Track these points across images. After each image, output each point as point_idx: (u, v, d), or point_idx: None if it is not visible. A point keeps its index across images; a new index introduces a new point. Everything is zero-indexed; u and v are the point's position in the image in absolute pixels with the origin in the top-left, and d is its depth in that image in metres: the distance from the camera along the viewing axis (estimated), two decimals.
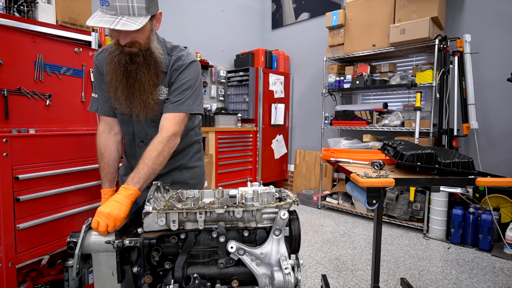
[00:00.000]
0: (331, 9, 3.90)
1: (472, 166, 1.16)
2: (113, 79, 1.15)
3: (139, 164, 1.06)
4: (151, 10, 1.06)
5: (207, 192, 1.00)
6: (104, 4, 0.98)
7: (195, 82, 1.25)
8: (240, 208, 0.69)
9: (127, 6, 0.98)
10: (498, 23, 2.94)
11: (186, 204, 0.83)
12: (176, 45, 1.29)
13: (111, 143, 1.31)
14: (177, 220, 0.67)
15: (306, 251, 2.59)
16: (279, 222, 0.72)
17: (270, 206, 0.72)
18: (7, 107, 1.69)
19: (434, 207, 2.90)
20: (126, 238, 0.70)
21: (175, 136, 1.16)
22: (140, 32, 1.07)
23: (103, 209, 0.88)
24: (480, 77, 3.03)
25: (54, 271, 1.69)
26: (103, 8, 0.99)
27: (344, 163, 1.41)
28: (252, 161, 4.22)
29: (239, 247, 0.71)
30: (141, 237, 0.69)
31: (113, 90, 1.17)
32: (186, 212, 0.67)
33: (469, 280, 2.15)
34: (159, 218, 0.67)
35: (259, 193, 0.77)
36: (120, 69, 1.12)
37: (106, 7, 0.98)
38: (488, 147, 3.02)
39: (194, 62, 1.26)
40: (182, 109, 1.20)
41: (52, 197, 1.45)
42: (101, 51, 1.30)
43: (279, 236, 0.73)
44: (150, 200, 0.73)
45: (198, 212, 0.67)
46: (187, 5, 4.01)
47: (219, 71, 4.38)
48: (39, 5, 2.09)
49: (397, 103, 3.70)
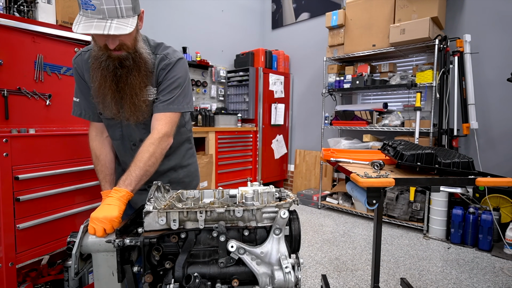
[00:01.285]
0: (331, 9, 3.90)
1: (472, 166, 1.16)
2: (102, 86, 1.10)
3: (130, 166, 1.04)
4: (137, 9, 1.03)
5: (207, 192, 1.00)
6: (89, 8, 0.92)
7: (184, 80, 1.22)
8: (240, 207, 0.69)
9: (115, 8, 0.94)
10: (498, 23, 2.94)
11: (187, 204, 0.83)
12: (160, 43, 1.25)
13: (105, 145, 1.30)
14: (178, 219, 0.67)
15: (306, 251, 2.59)
16: (279, 221, 0.72)
17: (270, 205, 0.72)
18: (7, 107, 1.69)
19: (434, 207, 2.90)
20: (127, 237, 0.70)
21: (167, 136, 1.14)
22: (128, 34, 1.01)
23: (96, 215, 0.86)
24: (480, 77, 3.03)
25: (54, 271, 1.69)
26: (88, 12, 0.93)
27: (344, 163, 1.41)
28: (252, 161, 4.22)
29: (239, 246, 0.71)
30: (141, 236, 0.69)
31: (101, 96, 1.13)
32: (186, 211, 0.67)
33: (469, 280, 2.15)
34: (159, 217, 0.67)
35: (259, 192, 0.77)
36: (108, 75, 1.07)
37: (92, 11, 0.92)
38: (488, 147, 3.02)
39: (181, 60, 1.22)
40: (172, 108, 1.18)
41: (52, 197, 1.45)
42: (79, 54, 1.23)
43: (279, 235, 0.73)
44: (151, 199, 0.73)
45: (199, 211, 0.67)
46: (187, 5, 4.01)
47: (219, 71, 4.38)
48: (39, 5, 2.09)
49: (397, 103, 3.70)
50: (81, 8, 0.94)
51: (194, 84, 4.07)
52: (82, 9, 0.94)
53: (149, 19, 3.60)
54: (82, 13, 0.94)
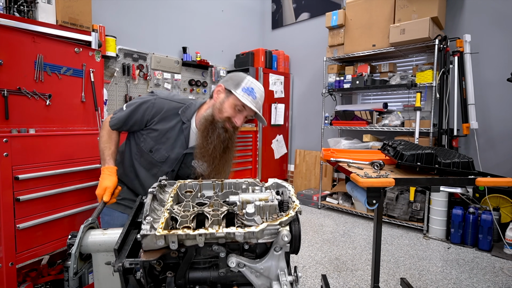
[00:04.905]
0: (331, 9, 3.90)
1: (472, 166, 1.16)
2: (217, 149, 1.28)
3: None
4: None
5: (206, 184, 1.00)
6: (251, 96, 1.25)
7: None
8: (241, 230, 0.69)
9: (261, 106, 1.31)
10: (498, 23, 2.94)
11: (186, 206, 0.82)
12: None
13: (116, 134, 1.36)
14: (176, 240, 0.68)
15: (306, 251, 2.59)
16: (280, 242, 0.73)
17: (272, 224, 0.72)
18: (7, 107, 1.69)
19: (434, 207, 2.90)
20: (126, 259, 0.71)
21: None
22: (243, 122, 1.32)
23: (99, 192, 1.15)
24: (480, 77, 3.03)
25: (54, 271, 1.69)
26: (249, 97, 1.24)
27: (344, 163, 1.41)
28: (252, 161, 4.22)
29: (239, 261, 0.72)
30: (141, 257, 0.69)
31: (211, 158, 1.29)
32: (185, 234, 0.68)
33: (469, 280, 2.15)
34: (157, 239, 0.67)
35: (260, 206, 0.76)
36: (220, 141, 1.28)
37: (253, 99, 1.25)
38: (488, 147, 3.02)
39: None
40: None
41: (52, 197, 1.45)
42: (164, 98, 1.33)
43: (279, 252, 0.74)
44: (147, 218, 0.72)
45: (198, 235, 0.68)
46: (187, 5, 4.01)
47: (219, 71, 4.37)
48: (39, 5, 2.09)
49: (397, 103, 3.70)
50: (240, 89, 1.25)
51: (194, 84, 4.07)
52: (243, 91, 1.24)
53: (149, 19, 3.60)
54: (242, 94, 1.24)
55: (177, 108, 1.32)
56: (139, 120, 1.30)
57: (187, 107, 1.33)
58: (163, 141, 1.31)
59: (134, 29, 3.47)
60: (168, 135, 1.31)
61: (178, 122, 1.32)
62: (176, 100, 1.34)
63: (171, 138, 1.31)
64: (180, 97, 1.38)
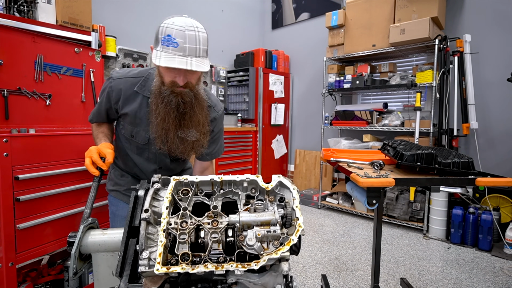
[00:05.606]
0: (331, 9, 3.90)
1: (472, 166, 1.16)
2: (166, 121, 1.13)
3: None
4: (208, 52, 1.10)
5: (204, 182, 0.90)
6: (171, 45, 0.99)
7: (223, 129, 1.42)
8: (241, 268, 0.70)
9: (195, 48, 1.02)
10: (498, 23, 2.94)
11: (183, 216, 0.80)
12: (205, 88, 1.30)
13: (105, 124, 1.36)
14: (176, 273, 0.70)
15: (306, 251, 2.59)
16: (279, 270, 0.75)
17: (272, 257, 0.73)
18: (7, 107, 1.69)
19: (434, 207, 2.90)
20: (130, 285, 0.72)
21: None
22: (196, 73, 1.10)
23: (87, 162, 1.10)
24: (480, 77, 3.03)
25: (54, 271, 1.69)
26: (169, 48, 0.99)
27: (344, 163, 1.41)
28: (252, 161, 4.22)
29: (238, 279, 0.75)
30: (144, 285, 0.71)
31: (164, 131, 1.15)
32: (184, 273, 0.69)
33: (469, 280, 2.15)
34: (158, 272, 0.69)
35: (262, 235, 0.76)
36: (172, 110, 1.11)
37: (174, 48, 0.99)
38: (488, 147, 3.02)
39: (224, 111, 1.40)
40: (216, 156, 1.41)
41: (52, 197, 1.45)
42: (118, 77, 1.22)
43: (277, 273, 0.76)
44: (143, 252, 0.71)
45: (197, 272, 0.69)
46: (187, 5, 4.01)
47: (219, 71, 4.38)
48: (39, 5, 2.09)
49: (397, 103, 3.70)
50: (159, 43, 1.01)
51: None
52: (162, 45, 1.00)
53: (149, 19, 3.60)
54: (161, 49, 1.01)
55: (134, 84, 1.21)
56: (109, 108, 1.25)
57: (145, 80, 1.21)
58: (138, 122, 1.23)
59: (134, 29, 3.47)
60: (139, 115, 1.22)
61: (142, 98, 1.21)
62: (131, 76, 1.23)
63: (143, 118, 1.21)
64: (135, 70, 1.25)
